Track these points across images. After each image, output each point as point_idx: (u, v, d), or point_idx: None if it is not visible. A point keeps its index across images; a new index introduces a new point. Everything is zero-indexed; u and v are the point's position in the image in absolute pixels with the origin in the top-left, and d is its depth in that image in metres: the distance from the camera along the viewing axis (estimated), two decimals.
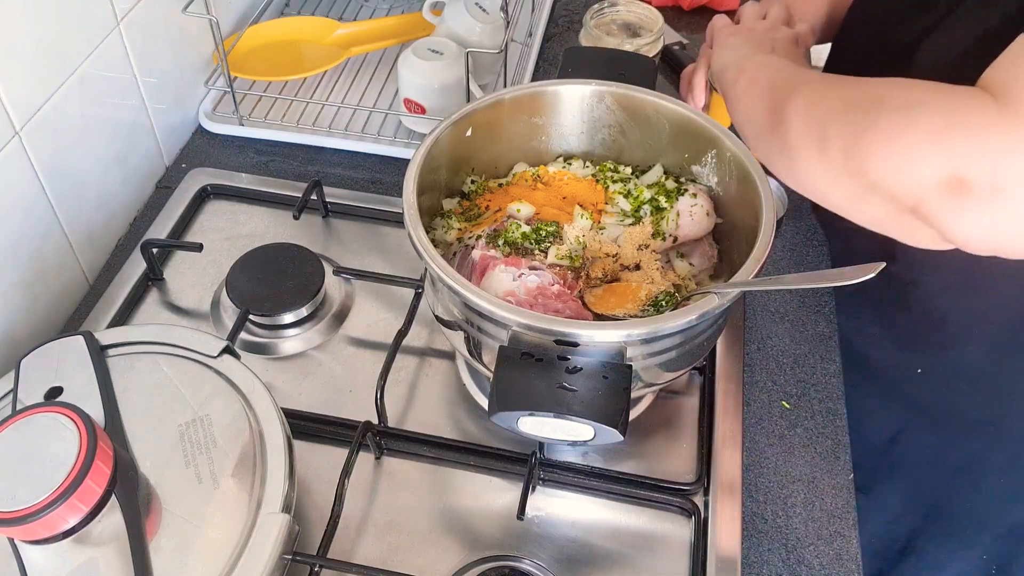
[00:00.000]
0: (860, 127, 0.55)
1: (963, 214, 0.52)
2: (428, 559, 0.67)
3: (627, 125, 0.76)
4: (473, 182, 0.76)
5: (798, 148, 0.61)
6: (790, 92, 0.63)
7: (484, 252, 0.68)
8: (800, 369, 0.81)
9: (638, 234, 0.70)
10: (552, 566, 0.67)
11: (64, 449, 0.51)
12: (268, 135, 1.01)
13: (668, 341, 0.61)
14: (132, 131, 0.92)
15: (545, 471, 0.71)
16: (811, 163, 0.60)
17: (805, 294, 0.87)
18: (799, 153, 0.61)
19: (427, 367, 0.80)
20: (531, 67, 1.11)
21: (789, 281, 0.58)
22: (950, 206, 0.52)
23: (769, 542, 0.70)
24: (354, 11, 1.20)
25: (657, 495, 0.71)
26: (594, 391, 0.56)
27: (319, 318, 0.82)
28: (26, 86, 0.75)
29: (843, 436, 0.76)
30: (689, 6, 1.23)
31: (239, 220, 0.92)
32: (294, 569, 0.60)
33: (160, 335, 0.65)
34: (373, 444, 0.72)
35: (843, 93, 0.59)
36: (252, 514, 0.56)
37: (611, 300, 0.66)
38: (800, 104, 0.61)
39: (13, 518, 0.49)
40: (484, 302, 0.58)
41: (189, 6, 0.92)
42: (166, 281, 0.86)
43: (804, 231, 0.93)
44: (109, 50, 0.85)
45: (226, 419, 0.60)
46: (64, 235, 0.83)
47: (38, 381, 0.60)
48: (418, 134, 1.01)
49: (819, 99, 0.60)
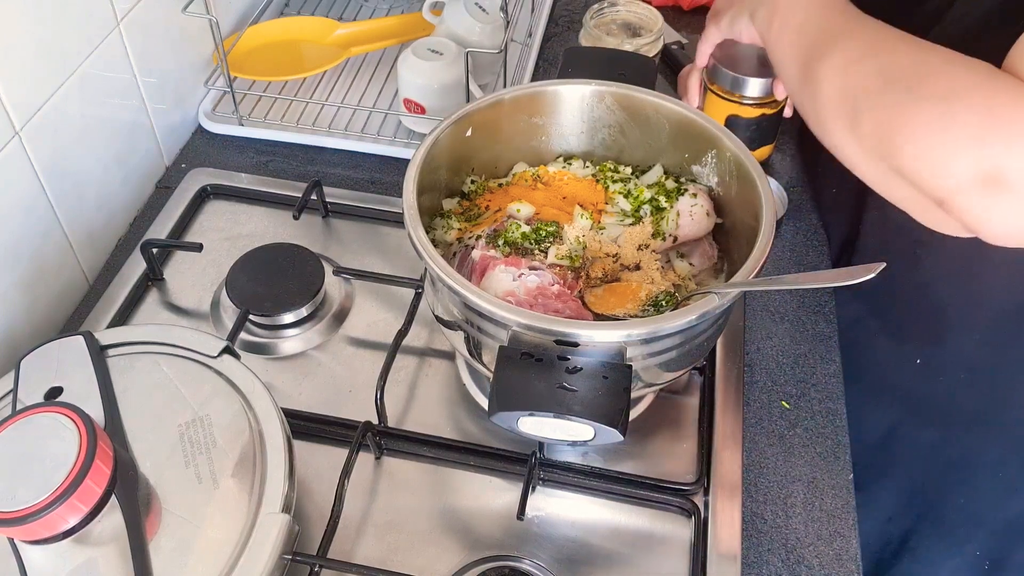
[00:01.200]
0: (896, 114, 0.54)
1: (995, 210, 0.51)
2: (428, 559, 0.67)
3: (627, 125, 0.76)
4: (473, 182, 0.76)
5: (829, 118, 0.60)
6: (821, 50, 0.60)
7: (484, 252, 0.68)
8: (800, 369, 0.81)
9: (638, 234, 0.70)
10: (552, 566, 0.67)
11: (64, 449, 0.51)
12: (268, 135, 1.01)
13: (668, 341, 0.61)
14: (132, 131, 0.92)
15: (545, 471, 0.71)
16: (842, 136, 0.59)
17: (805, 294, 0.87)
18: (830, 124, 0.60)
19: (427, 367, 0.80)
20: (531, 67, 1.11)
21: (789, 281, 0.58)
22: (983, 202, 0.51)
23: (769, 542, 0.70)
24: (354, 11, 1.20)
25: (657, 495, 0.71)
26: (594, 391, 0.56)
27: (319, 318, 0.82)
28: (26, 86, 0.75)
29: (843, 436, 0.76)
30: (689, 6, 1.23)
31: (239, 220, 0.92)
32: (294, 569, 0.60)
33: (160, 335, 0.65)
34: (373, 444, 0.72)
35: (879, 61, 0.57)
36: (252, 514, 0.56)
37: (611, 300, 0.66)
38: (831, 69, 0.59)
39: (13, 518, 0.49)
40: (484, 302, 0.58)
41: (189, 6, 0.92)
42: (166, 281, 0.86)
43: (804, 231, 0.93)
44: (109, 50, 0.85)
45: (226, 419, 0.60)
46: (64, 235, 0.83)
47: (38, 381, 0.60)
48: (418, 134, 1.01)
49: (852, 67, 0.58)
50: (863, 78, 0.57)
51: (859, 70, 0.58)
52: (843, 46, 0.60)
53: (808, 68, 0.62)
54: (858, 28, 0.61)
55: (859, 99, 0.57)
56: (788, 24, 0.67)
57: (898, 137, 0.54)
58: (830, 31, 0.62)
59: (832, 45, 0.60)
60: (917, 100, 0.53)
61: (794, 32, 0.65)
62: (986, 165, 0.50)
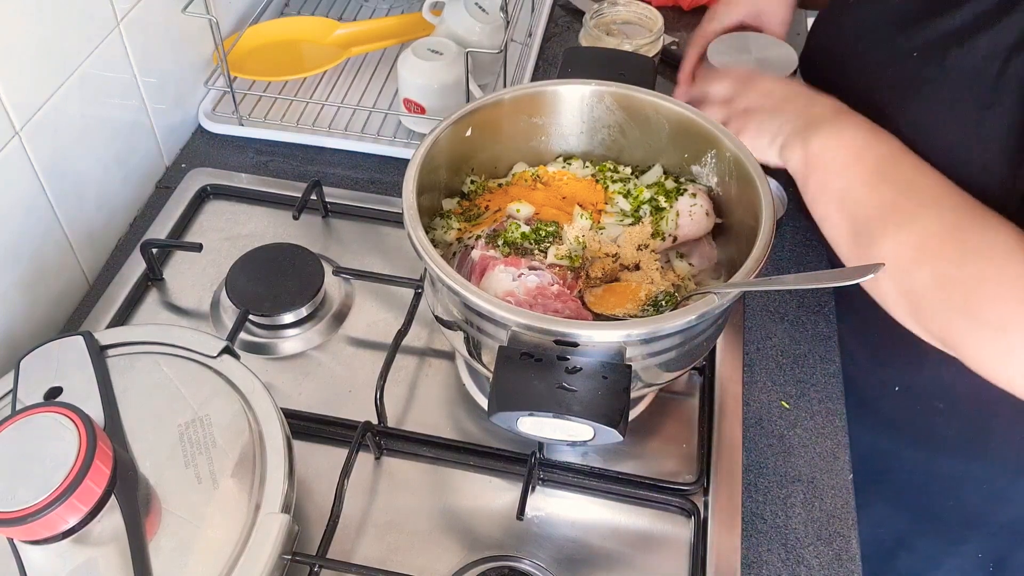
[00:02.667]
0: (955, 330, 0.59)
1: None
2: (428, 559, 0.67)
3: (627, 125, 0.76)
4: (473, 182, 0.76)
5: (888, 302, 0.63)
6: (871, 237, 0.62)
7: (484, 252, 0.68)
8: (800, 369, 0.81)
9: (638, 234, 0.70)
10: (552, 566, 0.67)
11: (64, 449, 0.51)
12: (268, 135, 1.01)
13: (668, 341, 0.61)
14: (132, 131, 0.92)
15: (545, 471, 0.71)
16: (904, 319, 0.63)
17: (805, 294, 0.87)
18: (889, 306, 0.64)
19: (427, 367, 0.80)
20: (531, 67, 1.11)
21: (789, 281, 0.58)
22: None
23: (769, 542, 0.70)
24: (354, 11, 1.20)
25: (657, 495, 0.71)
26: (594, 391, 0.56)
27: (319, 318, 0.82)
28: (26, 86, 0.75)
29: (843, 436, 0.76)
30: (689, 6, 1.23)
31: (239, 220, 0.92)
32: (294, 569, 0.61)
33: (160, 335, 0.65)
34: (373, 444, 0.72)
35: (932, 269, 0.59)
36: (252, 514, 0.56)
37: (611, 300, 0.66)
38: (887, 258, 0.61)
39: (13, 518, 0.49)
40: (484, 302, 0.58)
41: (189, 6, 0.92)
42: (166, 281, 0.86)
43: (804, 231, 0.93)
44: (109, 50, 0.85)
45: (226, 419, 0.60)
46: (64, 235, 0.83)
47: (38, 381, 0.60)
48: (418, 134, 1.01)
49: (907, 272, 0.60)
50: (918, 282, 0.60)
51: (912, 273, 0.61)
52: (893, 231, 0.61)
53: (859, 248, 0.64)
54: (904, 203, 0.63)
55: (918, 304, 0.61)
56: (828, 188, 0.66)
57: (962, 350, 0.60)
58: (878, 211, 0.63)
59: (884, 228, 0.62)
60: (976, 326, 0.58)
61: (835, 201, 0.66)
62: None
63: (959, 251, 0.59)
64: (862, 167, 0.65)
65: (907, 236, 0.61)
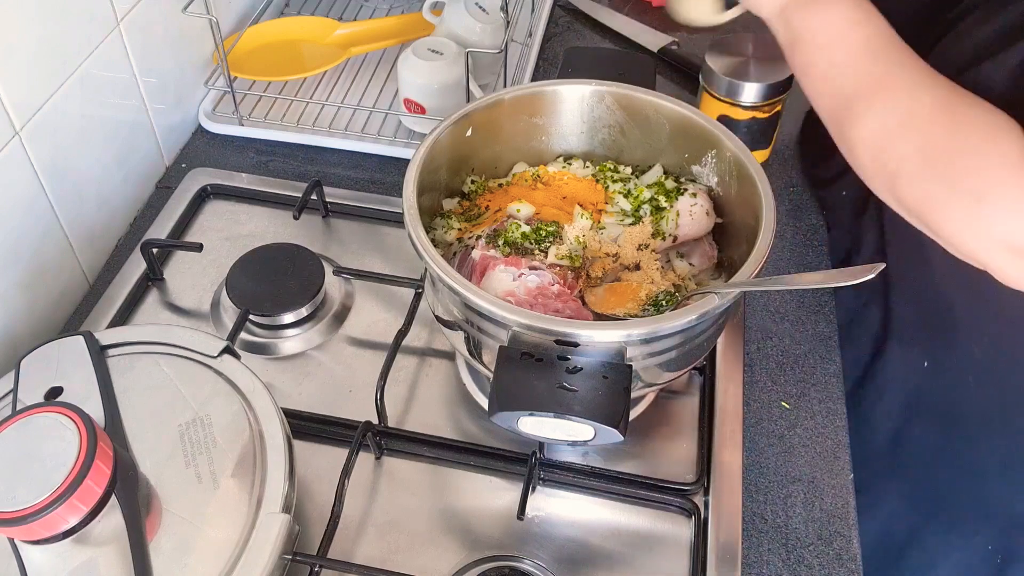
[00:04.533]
0: (933, 202, 0.59)
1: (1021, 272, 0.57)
2: (428, 559, 0.67)
3: (627, 125, 0.76)
4: (473, 182, 0.76)
5: (866, 175, 0.63)
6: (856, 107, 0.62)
7: (484, 252, 0.68)
8: (800, 369, 0.81)
9: (638, 234, 0.70)
10: (552, 566, 0.67)
11: (64, 449, 0.51)
12: (268, 135, 1.01)
13: (668, 341, 0.61)
14: (132, 131, 0.92)
15: (545, 471, 0.71)
16: (880, 191, 0.63)
17: (805, 294, 0.87)
18: (867, 179, 0.63)
19: (427, 367, 0.80)
20: (531, 67, 1.11)
21: (789, 281, 0.58)
22: (1010, 265, 0.57)
23: (769, 542, 0.70)
24: (354, 11, 1.20)
25: (657, 495, 0.71)
26: (594, 391, 0.56)
27: (319, 318, 0.82)
28: (26, 86, 0.75)
29: (843, 436, 0.76)
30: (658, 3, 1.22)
31: (239, 220, 0.92)
32: (294, 569, 0.60)
33: (160, 335, 0.65)
34: (373, 444, 0.72)
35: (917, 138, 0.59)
36: (252, 514, 0.56)
37: (611, 300, 0.66)
38: (868, 135, 0.61)
39: (13, 518, 0.49)
40: (484, 302, 0.58)
41: (189, 6, 0.92)
42: (166, 281, 0.86)
43: (804, 231, 0.93)
44: (109, 50, 0.85)
45: (226, 419, 0.60)
46: (64, 235, 0.83)
47: (38, 381, 0.60)
48: (418, 134, 1.01)
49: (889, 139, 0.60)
50: (900, 153, 0.60)
51: (896, 145, 0.60)
52: (880, 106, 0.61)
53: (840, 123, 0.64)
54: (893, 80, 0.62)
55: (897, 174, 0.60)
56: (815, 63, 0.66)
57: (935, 218, 0.59)
58: (865, 83, 0.62)
59: (869, 103, 0.61)
60: (954, 195, 0.58)
61: (820, 75, 0.65)
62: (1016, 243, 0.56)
63: (952, 123, 0.59)
64: (853, 39, 0.64)
65: (896, 106, 0.61)
